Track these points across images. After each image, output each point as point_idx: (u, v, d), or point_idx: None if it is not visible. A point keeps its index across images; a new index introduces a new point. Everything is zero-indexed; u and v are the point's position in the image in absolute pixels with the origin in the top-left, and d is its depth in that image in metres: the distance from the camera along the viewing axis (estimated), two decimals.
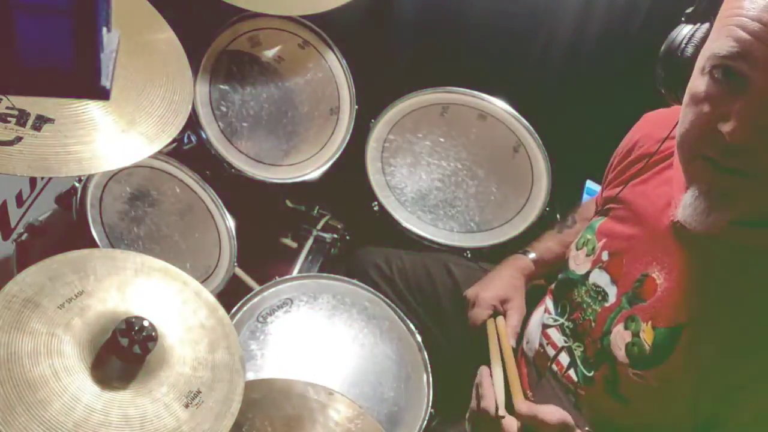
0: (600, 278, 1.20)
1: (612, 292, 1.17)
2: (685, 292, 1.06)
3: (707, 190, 0.94)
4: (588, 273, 1.23)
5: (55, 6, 0.58)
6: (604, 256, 1.20)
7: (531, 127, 1.92)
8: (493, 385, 1.19)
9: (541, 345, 1.34)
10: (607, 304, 1.17)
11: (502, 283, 1.48)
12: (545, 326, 1.33)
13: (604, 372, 1.17)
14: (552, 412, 1.10)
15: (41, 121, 1.01)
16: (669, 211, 1.10)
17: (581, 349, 1.22)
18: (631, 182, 1.22)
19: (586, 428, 1.23)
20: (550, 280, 1.41)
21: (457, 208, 1.87)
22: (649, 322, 1.08)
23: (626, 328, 1.12)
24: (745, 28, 0.81)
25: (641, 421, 1.14)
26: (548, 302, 1.36)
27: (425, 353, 1.57)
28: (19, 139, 0.99)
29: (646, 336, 1.08)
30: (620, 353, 1.12)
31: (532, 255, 1.55)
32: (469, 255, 1.80)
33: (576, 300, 1.25)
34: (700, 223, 0.97)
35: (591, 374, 1.19)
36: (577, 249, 1.28)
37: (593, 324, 1.19)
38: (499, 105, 1.94)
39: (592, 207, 1.49)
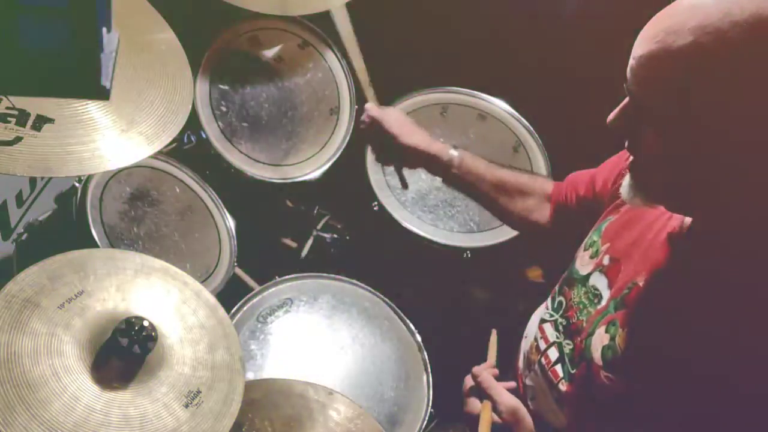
0: (599, 281, 1.22)
1: (606, 296, 1.19)
2: (657, 306, 1.08)
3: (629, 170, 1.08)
4: (589, 275, 1.24)
5: (55, 6, 0.58)
6: (605, 260, 1.22)
7: (531, 127, 1.92)
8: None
9: (535, 339, 1.35)
10: (599, 307, 1.19)
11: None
12: (542, 321, 1.35)
13: (582, 371, 1.19)
14: (504, 395, 1.26)
15: (41, 121, 1.01)
16: (670, 222, 1.11)
17: (570, 347, 1.24)
18: None
19: None
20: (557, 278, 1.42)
21: (457, 208, 1.87)
22: (626, 329, 1.10)
23: (606, 331, 1.14)
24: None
25: (611, 425, 1.15)
26: (548, 298, 1.37)
27: (425, 353, 1.57)
28: (19, 139, 0.99)
29: (620, 341, 1.10)
30: (596, 354, 1.14)
31: (455, 152, 1.48)
32: (469, 255, 1.80)
33: (574, 299, 1.26)
34: (623, 195, 1.08)
35: (574, 372, 1.21)
36: (585, 249, 1.29)
37: (584, 324, 1.21)
38: (499, 105, 1.94)
39: (547, 185, 1.50)
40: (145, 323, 1.06)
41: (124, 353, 1.04)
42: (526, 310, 1.59)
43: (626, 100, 1.00)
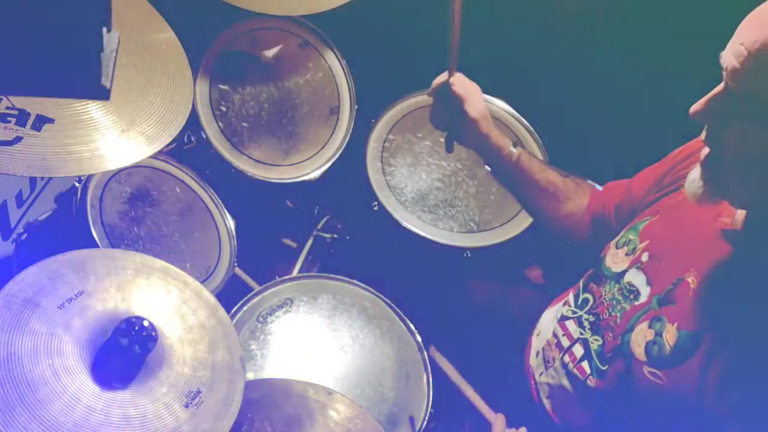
0: (636, 278, 1.21)
1: (645, 292, 1.18)
2: (715, 300, 1.08)
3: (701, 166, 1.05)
4: (624, 272, 1.24)
5: (56, 6, 0.58)
6: (644, 257, 1.22)
7: (531, 127, 1.92)
8: None
9: (555, 336, 1.35)
10: (637, 303, 1.18)
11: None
12: (563, 318, 1.34)
13: (618, 367, 1.18)
14: None
15: (41, 121, 1.01)
16: (720, 219, 1.11)
17: (599, 342, 1.23)
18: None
19: None
20: (578, 278, 1.41)
21: (457, 208, 1.87)
22: (675, 324, 1.10)
23: (650, 327, 1.13)
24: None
25: (647, 418, 1.15)
26: (570, 295, 1.37)
27: (425, 353, 1.57)
28: (19, 139, 0.99)
29: (669, 337, 1.10)
30: (639, 350, 1.13)
31: (516, 149, 1.47)
32: (469, 255, 1.80)
33: (605, 296, 1.26)
34: (691, 191, 1.06)
35: (605, 368, 1.21)
36: (617, 247, 1.29)
37: (618, 320, 1.21)
38: (499, 105, 1.94)
39: (588, 191, 1.49)
40: (145, 323, 1.06)
41: (124, 353, 1.04)
42: (527, 309, 1.59)
43: (717, 91, 0.97)
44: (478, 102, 1.43)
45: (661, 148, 1.35)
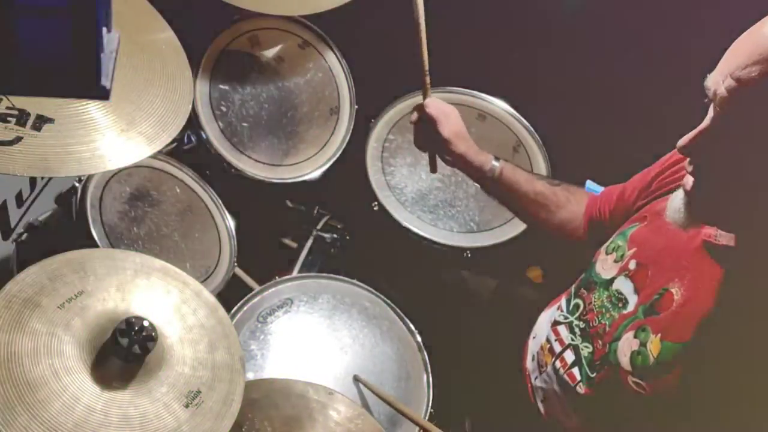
0: (624, 286, 1.21)
1: (632, 301, 1.18)
2: (699, 312, 1.07)
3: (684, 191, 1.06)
4: (613, 279, 1.24)
5: (55, 6, 0.58)
6: (631, 265, 1.21)
7: (531, 127, 1.92)
8: None
9: (548, 340, 1.35)
10: (624, 312, 1.18)
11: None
12: (556, 323, 1.34)
13: (605, 376, 1.18)
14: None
15: (41, 121, 1.01)
16: (702, 229, 1.11)
17: (589, 350, 1.23)
18: (670, 195, 1.22)
19: None
20: (570, 282, 1.41)
21: (457, 208, 1.87)
22: (659, 335, 1.10)
23: (635, 336, 1.13)
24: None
25: (634, 427, 1.16)
26: (563, 300, 1.37)
27: (425, 353, 1.57)
28: (19, 139, 0.99)
29: (653, 347, 1.10)
30: (624, 360, 1.13)
31: (497, 163, 1.48)
32: (469, 255, 1.80)
33: (594, 302, 1.26)
34: (675, 220, 1.08)
35: (593, 376, 1.21)
36: (607, 253, 1.29)
37: (607, 328, 1.20)
38: (499, 105, 1.94)
39: (583, 198, 1.49)
40: (145, 323, 1.06)
41: (124, 353, 1.04)
42: (526, 310, 1.59)
43: (705, 126, 0.96)
44: (453, 123, 1.47)
45: (662, 150, 1.35)
